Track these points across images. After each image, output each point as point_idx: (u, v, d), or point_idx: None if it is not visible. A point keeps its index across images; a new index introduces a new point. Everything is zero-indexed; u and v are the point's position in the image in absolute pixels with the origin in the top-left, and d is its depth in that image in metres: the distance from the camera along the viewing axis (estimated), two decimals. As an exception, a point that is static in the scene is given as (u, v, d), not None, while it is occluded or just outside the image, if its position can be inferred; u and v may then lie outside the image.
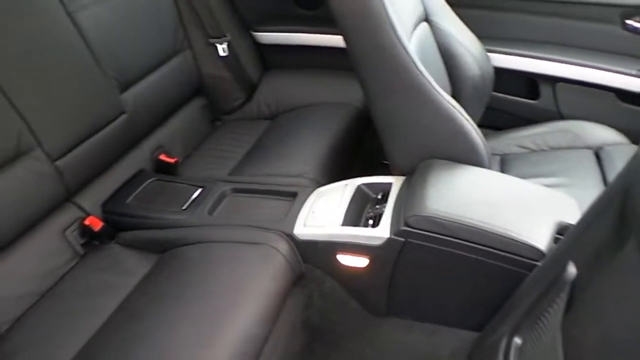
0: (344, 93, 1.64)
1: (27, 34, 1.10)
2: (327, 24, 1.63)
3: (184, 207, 1.22)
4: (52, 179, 1.13)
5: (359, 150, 1.61)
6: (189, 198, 1.26)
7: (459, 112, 1.09)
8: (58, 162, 1.14)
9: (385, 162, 1.23)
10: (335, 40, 1.65)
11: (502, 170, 1.32)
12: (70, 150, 1.17)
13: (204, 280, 1.00)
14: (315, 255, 1.10)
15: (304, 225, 1.10)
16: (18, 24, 1.08)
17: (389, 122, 1.14)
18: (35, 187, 1.09)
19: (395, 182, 1.15)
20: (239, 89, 1.73)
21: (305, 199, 1.18)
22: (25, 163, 1.07)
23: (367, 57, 1.08)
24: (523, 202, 0.99)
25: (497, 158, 1.38)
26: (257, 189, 1.27)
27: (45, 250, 1.11)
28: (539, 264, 0.87)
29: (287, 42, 1.77)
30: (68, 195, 1.19)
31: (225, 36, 1.65)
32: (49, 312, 1.02)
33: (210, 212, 1.20)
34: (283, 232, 1.09)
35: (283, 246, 1.07)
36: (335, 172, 1.38)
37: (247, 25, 1.78)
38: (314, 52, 1.75)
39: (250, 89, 1.77)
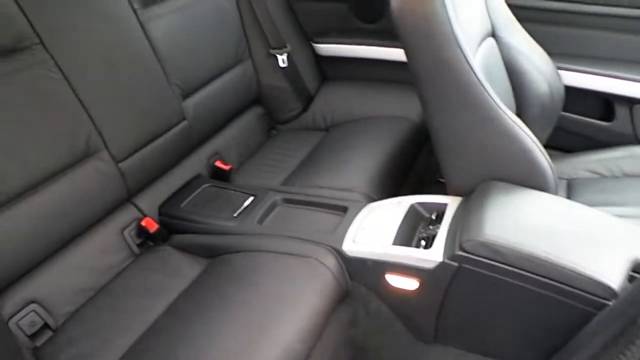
0: (402, 107, 1.61)
1: (102, 41, 1.16)
2: (387, 37, 1.61)
3: (235, 215, 1.24)
4: (115, 180, 1.18)
5: (414, 166, 1.56)
6: (241, 206, 1.27)
7: (524, 131, 1.02)
8: (121, 164, 1.19)
9: (441, 179, 1.18)
10: (395, 53, 1.62)
11: (569, 196, 1.23)
12: (133, 153, 1.22)
13: (249, 290, 1.00)
14: (363, 273, 1.07)
15: (353, 241, 1.08)
16: (94, 32, 1.15)
17: (448, 139, 1.09)
18: (100, 187, 1.14)
19: (452, 202, 1.10)
20: (296, 99, 1.74)
21: (356, 214, 1.16)
22: (92, 163, 1.13)
23: (429, 71, 1.04)
24: (592, 233, 0.91)
25: (564, 182, 1.29)
26: (308, 201, 1.26)
27: (105, 247, 1.16)
28: (609, 303, 0.79)
29: (346, 54, 1.77)
30: (128, 196, 1.24)
31: (285, 47, 1.68)
32: (102, 308, 1.06)
33: (260, 221, 1.21)
34: (331, 247, 1.08)
35: (330, 261, 1.05)
36: (389, 188, 1.35)
37: (307, 37, 1.80)
38: (372, 65, 1.74)
39: (307, 100, 1.78)
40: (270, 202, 1.27)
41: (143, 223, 1.22)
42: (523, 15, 1.38)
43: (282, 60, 1.68)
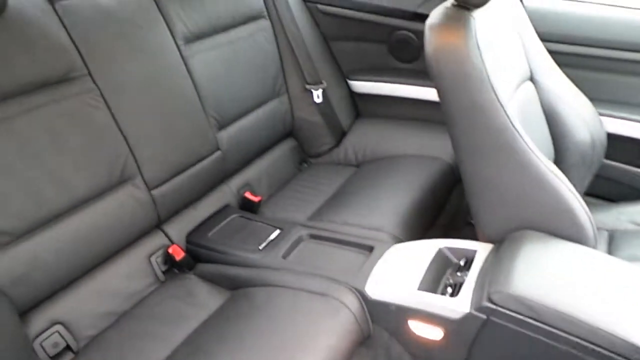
0: (435, 147, 1.59)
1: (145, 74, 1.22)
2: (423, 76, 1.61)
3: (260, 247, 1.24)
4: (147, 206, 1.21)
5: (445, 207, 1.53)
6: (267, 238, 1.27)
7: (560, 179, 0.99)
8: (154, 191, 1.22)
9: (472, 222, 1.15)
10: (430, 93, 1.62)
11: (610, 249, 1.17)
12: (166, 181, 1.25)
13: (269, 327, 0.98)
14: (385, 317, 1.03)
15: (377, 283, 1.05)
16: (139, 65, 1.21)
17: (480, 183, 1.07)
18: (132, 212, 1.18)
19: (481, 249, 1.06)
20: (329, 134, 1.76)
21: (381, 255, 1.13)
22: (127, 189, 1.17)
23: (462, 114, 1.03)
24: (633, 292, 0.85)
25: (605, 234, 1.22)
26: (333, 238, 1.25)
27: (131, 272, 1.18)
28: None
29: (381, 92, 1.78)
30: (158, 223, 1.27)
31: (321, 83, 1.71)
32: (124, 333, 1.07)
33: (285, 256, 1.20)
34: (354, 288, 1.05)
35: (352, 302, 1.02)
36: (417, 229, 1.32)
37: (343, 74, 1.83)
38: (407, 104, 1.74)
39: (340, 135, 1.79)
40: (296, 237, 1.26)
41: (170, 250, 1.23)
42: (563, 60, 1.35)
43: (317, 95, 1.70)
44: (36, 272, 0.98)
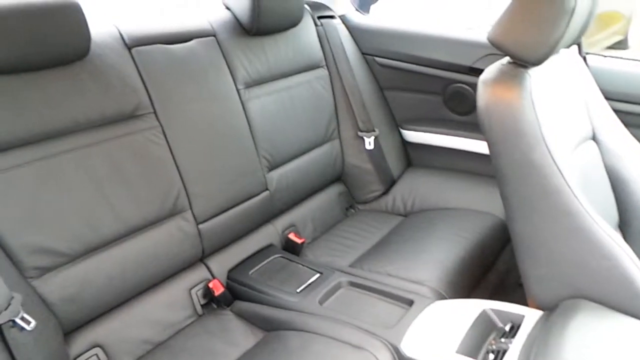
0: (487, 202, 1.54)
1: (205, 114, 1.29)
2: (477, 129, 1.59)
3: (298, 290, 1.23)
4: (193, 239, 1.25)
5: (495, 265, 1.45)
6: (306, 282, 1.26)
7: (621, 247, 0.92)
8: (201, 225, 1.26)
9: (522, 284, 1.08)
10: (484, 147, 1.58)
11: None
12: (214, 216, 1.30)
13: (297, 374, 0.96)
14: (419, 378, 0.98)
15: (414, 340, 1.00)
16: (200, 106, 1.29)
17: (530, 245, 1.01)
18: (179, 244, 1.22)
19: (529, 315, 0.99)
20: (378, 181, 1.75)
21: (421, 310, 1.09)
22: (176, 221, 1.22)
23: (512, 170, 1.00)
24: None
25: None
26: (373, 287, 1.22)
27: (171, 303, 1.21)
28: None
29: (434, 142, 1.77)
30: (202, 257, 1.31)
31: (374, 131, 1.73)
32: (157, 364, 1.09)
33: (322, 302, 1.18)
34: (389, 343, 1.01)
35: (385, 358, 0.98)
36: (462, 286, 1.26)
37: (396, 123, 1.84)
38: (460, 156, 1.71)
39: (390, 183, 1.78)
40: (335, 283, 1.24)
41: (210, 285, 1.26)
42: (630, 120, 1.29)
43: (368, 142, 1.72)
44: (84, 294, 1.04)
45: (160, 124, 1.20)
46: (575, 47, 1.42)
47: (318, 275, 1.29)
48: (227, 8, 1.47)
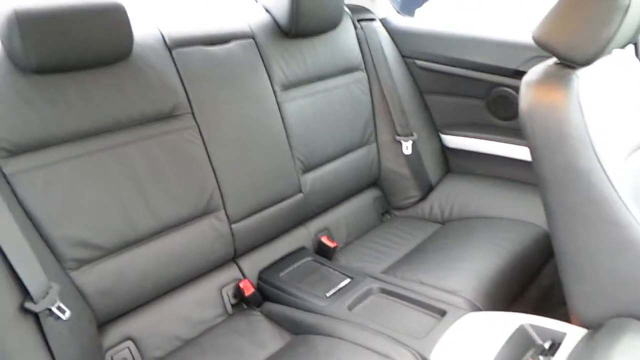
0: (530, 211, 1.46)
1: (241, 115, 1.31)
2: (521, 135, 1.52)
3: (328, 294, 1.22)
4: (226, 239, 1.26)
5: (537, 280, 1.38)
6: (336, 286, 1.25)
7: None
8: (234, 225, 1.27)
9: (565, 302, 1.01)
10: (528, 153, 1.51)
11: None
12: (247, 216, 1.30)
13: (322, 380, 0.94)
14: (449, 392, 0.94)
15: (444, 352, 0.96)
16: (237, 107, 1.30)
17: (575, 258, 0.95)
18: (211, 243, 1.23)
19: (572, 333, 0.93)
20: (415, 187, 1.71)
21: (454, 322, 1.04)
22: (210, 220, 1.23)
23: (556, 178, 0.94)
24: None
25: None
26: (404, 295, 1.18)
27: (202, 301, 1.22)
28: None
29: (475, 148, 1.70)
30: (234, 256, 1.32)
31: (412, 135, 1.69)
32: (186, 360, 1.10)
33: (351, 307, 1.16)
34: (418, 353, 0.97)
35: (414, 369, 0.95)
36: (499, 299, 1.20)
37: (435, 127, 1.79)
38: (502, 162, 1.64)
39: (427, 189, 1.73)
40: (366, 289, 1.22)
41: (241, 285, 1.26)
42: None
43: (406, 147, 1.68)
44: (119, 288, 1.06)
45: (197, 123, 1.22)
46: (631, 47, 1.32)
47: (349, 280, 1.27)
48: (267, 10, 1.48)
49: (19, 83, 0.95)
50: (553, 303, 1.38)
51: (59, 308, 0.89)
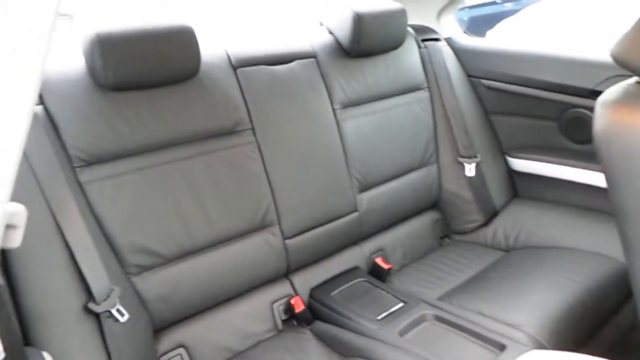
0: (605, 243, 1.34)
1: (300, 133, 1.33)
2: (595, 160, 1.40)
3: (379, 318, 1.18)
4: (279, 254, 1.27)
5: (614, 319, 1.25)
6: (388, 310, 1.21)
7: None
8: (288, 241, 1.28)
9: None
10: (603, 179, 1.39)
11: None
12: (301, 233, 1.31)
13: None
14: None
15: (502, 391, 0.89)
16: (296, 125, 1.32)
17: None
18: (265, 257, 1.25)
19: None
20: (478, 211, 1.63)
21: (514, 358, 0.96)
22: (264, 235, 1.25)
23: (635, 207, 0.86)
24: None
25: None
26: (461, 325, 1.12)
27: (253, 314, 1.24)
28: None
29: (545, 172, 1.60)
30: (287, 272, 1.32)
31: (476, 157, 1.62)
32: (233, 373, 1.11)
33: (402, 333, 1.12)
34: (472, 389, 0.91)
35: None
36: (568, 337, 1.10)
37: (501, 149, 1.71)
38: (575, 188, 1.53)
39: (491, 214, 1.65)
40: (419, 315, 1.17)
41: (292, 301, 1.26)
42: None
43: (469, 169, 1.62)
44: (175, 295, 1.10)
45: (257, 140, 1.25)
46: None
47: (402, 304, 1.23)
48: (330, 32, 1.51)
49: (98, 99, 1.03)
50: (631, 346, 1.24)
51: (118, 311, 0.93)
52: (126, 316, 0.94)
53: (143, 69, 1.05)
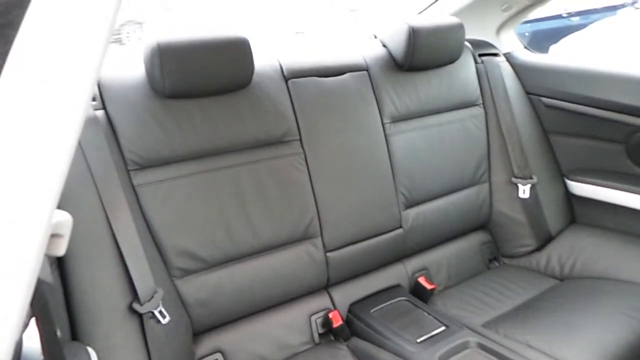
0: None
1: (348, 146, 1.32)
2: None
3: (418, 340, 1.14)
4: (320, 266, 1.26)
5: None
6: (429, 332, 1.17)
7: None
8: (330, 254, 1.27)
9: None
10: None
11: None
12: (343, 246, 1.29)
13: None
14: None
15: None
16: (344, 137, 1.31)
17: None
18: (306, 268, 1.25)
19: None
20: (531, 235, 1.55)
21: (563, 399, 0.90)
22: (306, 246, 1.25)
23: None
24: None
25: None
26: (506, 356, 1.06)
27: (291, 325, 1.23)
28: None
29: (607, 198, 1.50)
30: (326, 285, 1.31)
31: (531, 178, 1.54)
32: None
33: (442, 359, 1.07)
34: None
35: None
36: (625, 381, 1.01)
37: (560, 171, 1.62)
38: (638, 217, 1.41)
39: (545, 239, 1.56)
40: (462, 341, 1.12)
41: (330, 315, 1.25)
42: None
43: (523, 190, 1.54)
44: (216, 300, 1.12)
45: (304, 151, 1.26)
46: None
47: (444, 328, 1.18)
48: (384, 45, 1.49)
49: (155, 106, 1.08)
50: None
51: (160, 312, 0.96)
52: (167, 318, 0.97)
53: (199, 78, 1.09)
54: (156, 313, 0.95)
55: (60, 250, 0.34)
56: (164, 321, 0.96)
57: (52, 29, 0.32)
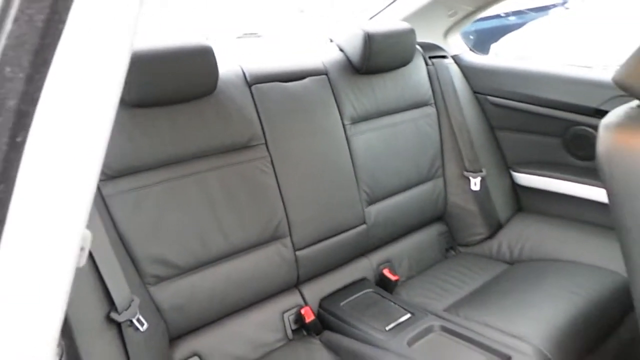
0: (607, 257, 1.38)
1: (311, 147, 1.37)
2: (598, 177, 1.44)
3: (387, 328, 1.21)
4: (290, 265, 1.31)
5: (615, 332, 1.28)
6: (396, 320, 1.24)
7: None
8: (299, 252, 1.32)
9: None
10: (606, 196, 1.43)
11: None
12: (311, 244, 1.35)
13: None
14: None
15: (507, 401, 0.92)
16: (307, 140, 1.37)
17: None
18: (277, 268, 1.29)
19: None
20: (483, 224, 1.67)
21: (519, 370, 1.00)
22: (276, 246, 1.29)
23: (636, 224, 0.89)
24: None
25: None
26: (467, 336, 1.15)
27: (265, 324, 1.27)
28: None
29: (549, 187, 1.64)
30: (297, 283, 1.36)
31: (481, 171, 1.66)
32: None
33: (410, 343, 1.15)
34: (478, 399, 0.94)
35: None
36: (570, 350, 1.13)
37: (506, 164, 1.75)
38: (578, 203, 1.56)
39: (495, 227, 1.68)
40: (426, 326, 1.20)
41: (302, 311, 1.30)
42: None
43: (474, 183, 1.66)
44: (190, 305, 1.14)
45: (270, 154, 1.29)
46: None
47: (409, 315, 1.26)
48: (340, 49, 1.55)
49: (122, 115, 1.08)
50: (633, 359, 1.27)
51: (138, 320, 0.97)
52: (145, 325, 0.98)
53: (164, 87, 1.10)
54: (134, 321, 0.96)
55: (82, 261, 0.37)
56: (142, 329, 0.98)
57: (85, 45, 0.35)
